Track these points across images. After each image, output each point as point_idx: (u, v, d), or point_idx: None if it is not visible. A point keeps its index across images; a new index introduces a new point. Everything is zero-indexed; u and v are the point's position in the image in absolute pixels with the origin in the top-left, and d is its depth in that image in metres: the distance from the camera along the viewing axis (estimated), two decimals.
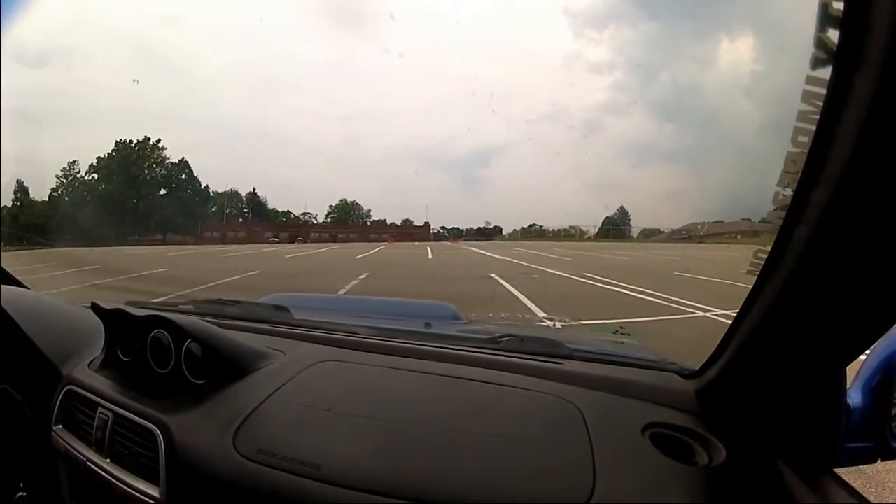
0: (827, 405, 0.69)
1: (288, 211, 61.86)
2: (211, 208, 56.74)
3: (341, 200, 59.68)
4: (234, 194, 59.64)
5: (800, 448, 0.69)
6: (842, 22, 0.39)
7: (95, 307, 1.12)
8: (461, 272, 11.56)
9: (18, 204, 43.48)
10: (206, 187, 55.39)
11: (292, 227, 56.89)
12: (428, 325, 1.30)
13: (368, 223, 63.35)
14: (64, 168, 48.12)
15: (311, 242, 47.22)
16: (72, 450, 1.01)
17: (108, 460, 0.94)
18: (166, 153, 53.00)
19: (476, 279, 9.55)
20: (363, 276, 9.53)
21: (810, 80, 0.43)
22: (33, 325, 1.17)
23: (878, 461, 0.79)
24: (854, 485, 0.65)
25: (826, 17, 0.39)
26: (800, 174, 0.46)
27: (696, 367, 0.86)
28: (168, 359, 0.99)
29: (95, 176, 49.24)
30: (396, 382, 0.95)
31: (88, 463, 0.96)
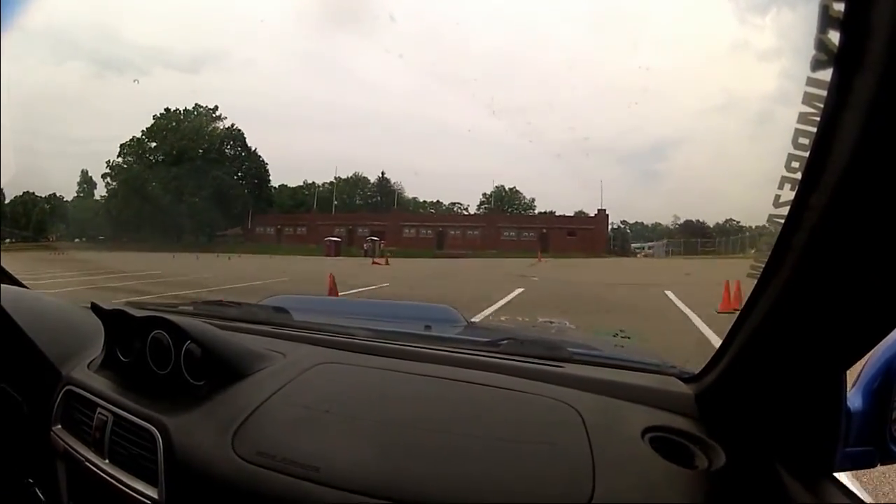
0: (826, 409, 0.69)
1: (437, 201, 48.12)
2: (269, 196, 45.18)
3: (497, 187, 45.06)
4: (359, 179, 47.34)
5: (799, 452, 0.68)
6: (842, 23, 0.39)
7: (95, 307, 1.12)
8: None
9: (82, 195, 41.20)
10: (263, 162, 44.10)
11: (375, 221, 39.96)
12: (428, 327, 1.30)
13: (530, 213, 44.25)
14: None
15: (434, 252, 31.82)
16: (71, 450, 1.01)
17: (107, 461, 0.94)
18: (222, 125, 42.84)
19: None
20: None
21: (811, 82, 0.43)
22: (33, 325, 1.17)
23: (878, 465, 0.78)
24: (853, 489, 0.65)
25: (827, 19, 0.39)
26: (800, 177, 0.46)
27: (696, 371, 0.85)
28: (167, 360, 0.99)
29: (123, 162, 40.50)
30: (396, 385, 0.94)
31: (87, 463, 0.96)
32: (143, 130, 41.01)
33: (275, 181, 46.81)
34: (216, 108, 42.43)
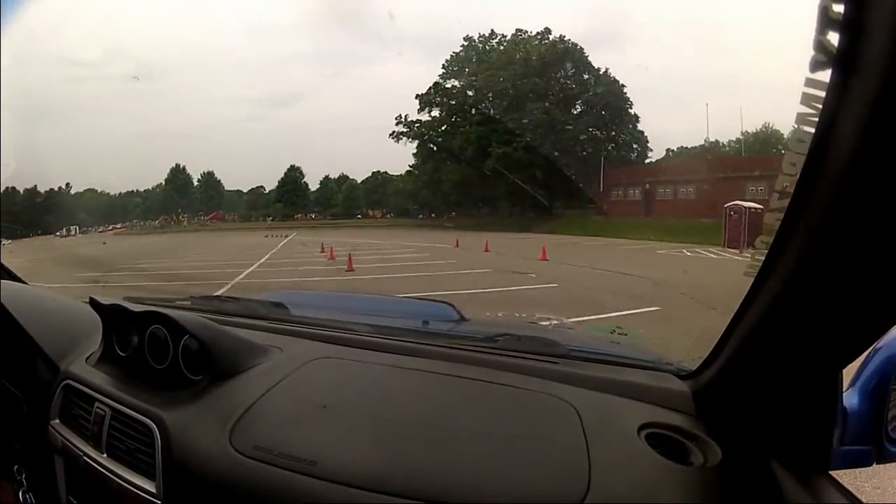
0: (823, 408, 0.69)
1: None
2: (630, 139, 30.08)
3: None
4: None
5: (795, 450, 0.69)
6: (841, 25, 0.39)
7: (93, 302, 1.12)
8: None
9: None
10: (619, 88, 29.42)
11: None
12: (426, 323, 1.30)
13: None
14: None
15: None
16: (69, 444, 1.01)
17: (105, 455, 0.94)
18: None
19: None
20: None
21: (809, 83, 0.43)
22: (31, 320, 1.16)
23: (874, 464, 0.79)
24: (849, 487, 0.65)
25: (826, 20, 0.39)
26: (798, 176, 0.46)
27: (693, 368, 0.86)
28: (165, 354, 0.99)
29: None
30: (393, 380, 0.94)
31: (85, 458, 0.96)
32: (442, 66, 31.72)
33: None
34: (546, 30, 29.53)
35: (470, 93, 31.76)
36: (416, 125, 32.02)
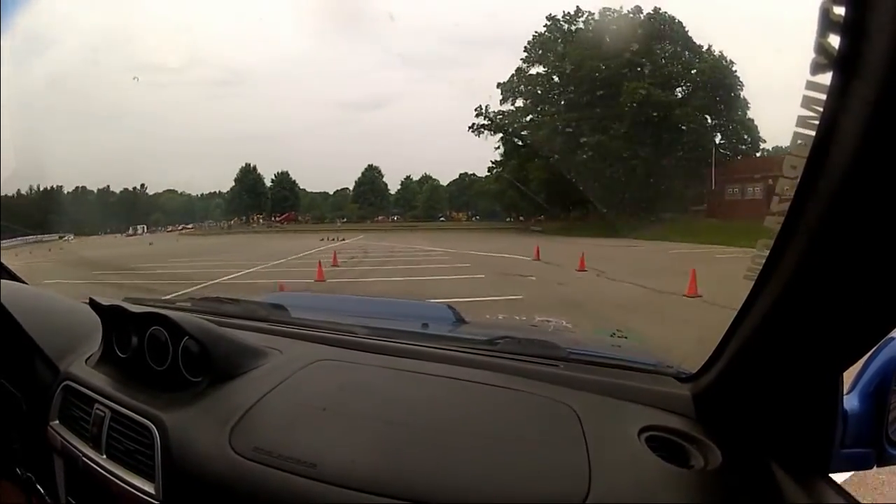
0: (823, 410, 0.69)
1: None
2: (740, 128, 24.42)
3: None
4: None
5: (796, 453, 0.69)
6: (842, 28, 0.39)
7: (93, 303, 1.12)
8: None
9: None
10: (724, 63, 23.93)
11: None
12: (425, 325, 1.30)
13: None
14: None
15: None
16: (68, 445, 1.01)
17: (104, 456, 0.94)
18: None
19: None
20: None
21: (810, 86, 0.43)
22: (31, 321, 1.17)
23: (875, 467, 0.79)
24: (849, 489, 0.65)
25: (826, 23, 0.39)
26: (799, 179, 0.46)
27: (693, 371, 0.85)
28: (165, 356, 0.99)
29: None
30: (393, 383, 0.94)
31: (84, 459, 0.96)
32: (524, 49, 26.47)
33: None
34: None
35: (555, 78, 26.98)
36: (499, 117, 27.60)
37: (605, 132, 22.69)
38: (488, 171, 30.91)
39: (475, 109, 27.26)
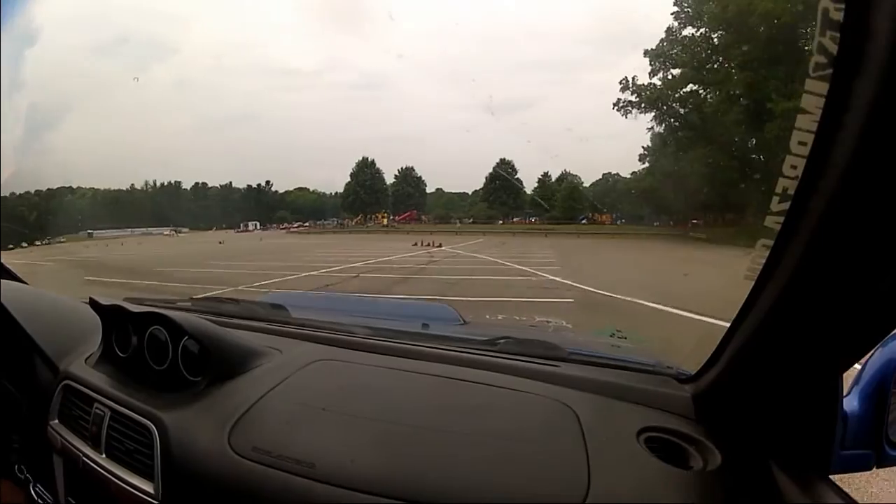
0: (823, 411, 0.69)
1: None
2: None
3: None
4: None
5: (796, 454, 0.68)
6: (842, 27, 0.39)
7: (93, 303, 1.12)
8: None
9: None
10: None
11: None
12: (425, 325, 1.30)
13: None
14: None
15: None
16: (68, 445, 1.01)
17: (104, 456, 0.94)
18: None
19: None
20: None
21: (810, 86, 0.43)
22: (31, 320, 1.17)
23: (875, 468, 0.79)
24: (848, 490, 0.65)
25: (826, 23, 0.39)
26: (799, 180, 0.46)
27: (693, 372, 0.85)
28: (165, 355, 0.99)
29: None
30: (393, 383, 0.94)
31: (84, 458, 0.96)
32: (674, 2, 21.13)
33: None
34: None
35: (714, 38, 21.38)
36: (647, 91, 22.06)
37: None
38: (639, 163, 25.58)
39: (619, 83, 22.31)
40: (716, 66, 21.02)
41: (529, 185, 37.40)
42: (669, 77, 22.33)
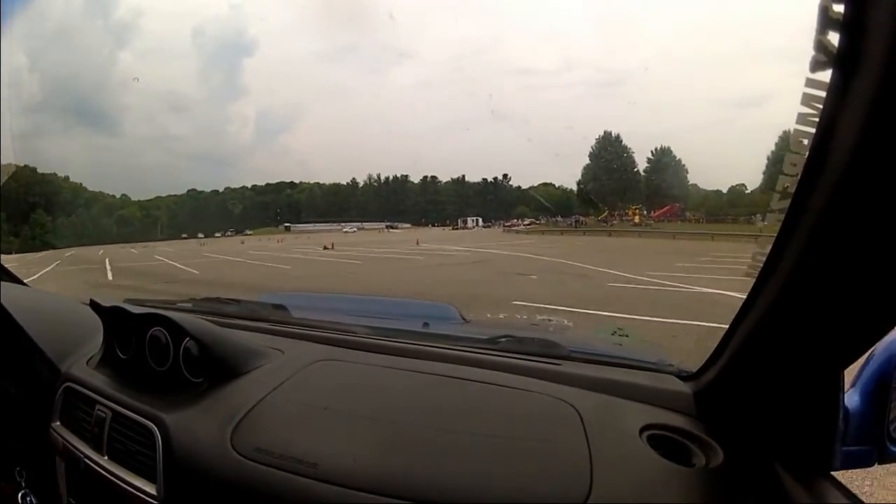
0: (825, 408, 0.69)
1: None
2: None
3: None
4: None
5: (797, 451, 0.68)
6: (842, 25, 0.39)
7: (94, 304, 1.12)
8: None
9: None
10: None
11: None
12: (426, 324, 1.30)
13: None
14: None
15: None
16: (70, 446, 1.01)
17: (106, 457, 0.94)
18: None
19: None
20: None
21: (810, 83, 0.43)
22: (32, 322, 1.16)
23: (876, 464, 0.79)
24: (850, 487, 0.65)
25: (826, 20, 0.39)
26: (799, 177, 0.46)
27: (694, 369, 0.85)
28: (166, 357, 0.99)
29: None
30: (394, 382, 0.94)
31: (86, 460, 0.96)
32: None
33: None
34: None
35: None
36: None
37: None
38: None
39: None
40: None
41: None
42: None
